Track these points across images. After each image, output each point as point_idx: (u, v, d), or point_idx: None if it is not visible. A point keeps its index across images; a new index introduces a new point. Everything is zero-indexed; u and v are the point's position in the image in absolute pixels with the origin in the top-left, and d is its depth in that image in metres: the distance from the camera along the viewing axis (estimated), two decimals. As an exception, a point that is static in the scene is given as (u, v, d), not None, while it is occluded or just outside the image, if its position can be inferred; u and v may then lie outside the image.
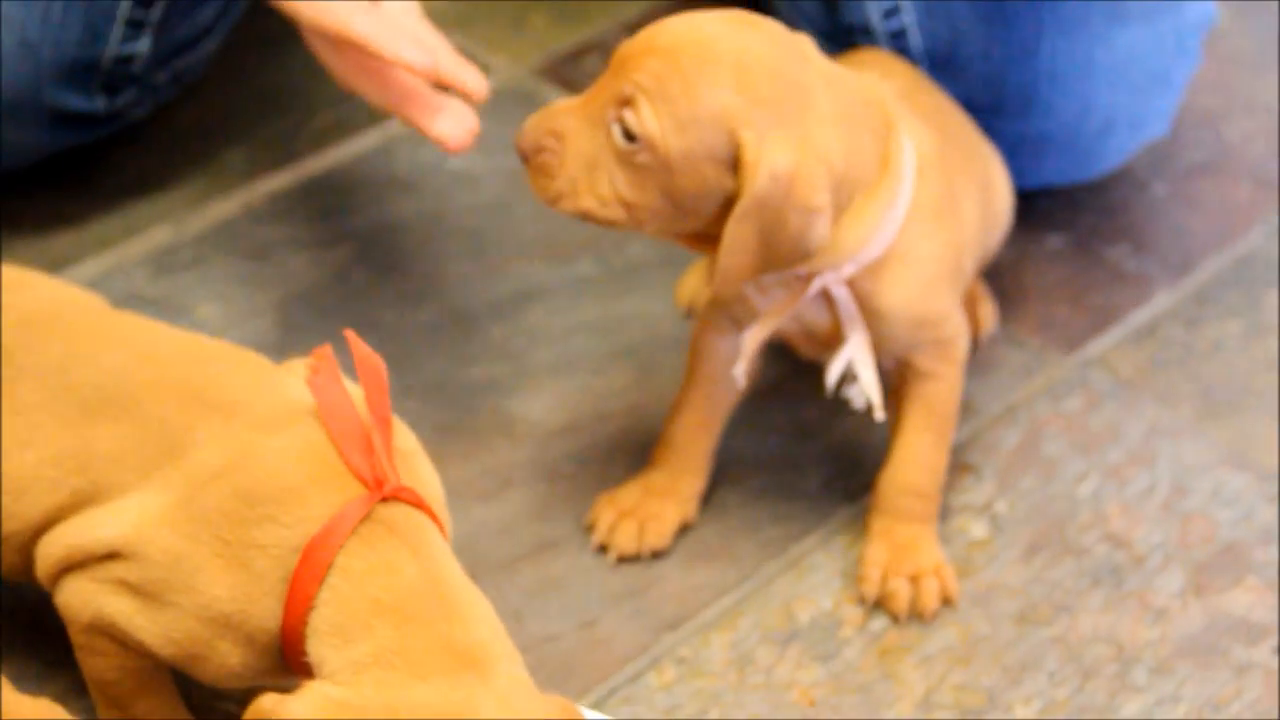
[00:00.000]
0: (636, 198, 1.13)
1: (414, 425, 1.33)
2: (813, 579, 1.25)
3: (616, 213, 1.13)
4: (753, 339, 1.20)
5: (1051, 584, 1.25)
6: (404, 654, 0.96)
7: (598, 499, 1.27)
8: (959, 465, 1.31)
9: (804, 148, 1.11)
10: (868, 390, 1.20)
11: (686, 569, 1.25)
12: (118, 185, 1.48)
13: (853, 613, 1.23)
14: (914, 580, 1.22)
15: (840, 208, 1.14)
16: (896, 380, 1.23)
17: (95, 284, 1.39)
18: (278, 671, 1.04)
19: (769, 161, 1.09)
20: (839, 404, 1.32)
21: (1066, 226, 1.49)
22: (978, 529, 1.28)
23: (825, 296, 1.18)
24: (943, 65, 1.35)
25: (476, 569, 1.23)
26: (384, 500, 1.01)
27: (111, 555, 1.03)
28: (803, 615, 1.23)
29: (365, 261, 1.44)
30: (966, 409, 1.36)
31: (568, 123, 1.13)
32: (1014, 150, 1.36)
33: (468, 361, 1.38)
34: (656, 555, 1.25)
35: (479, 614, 0.99)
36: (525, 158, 1.14)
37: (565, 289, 1.43)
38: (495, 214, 1.49)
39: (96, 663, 1.06)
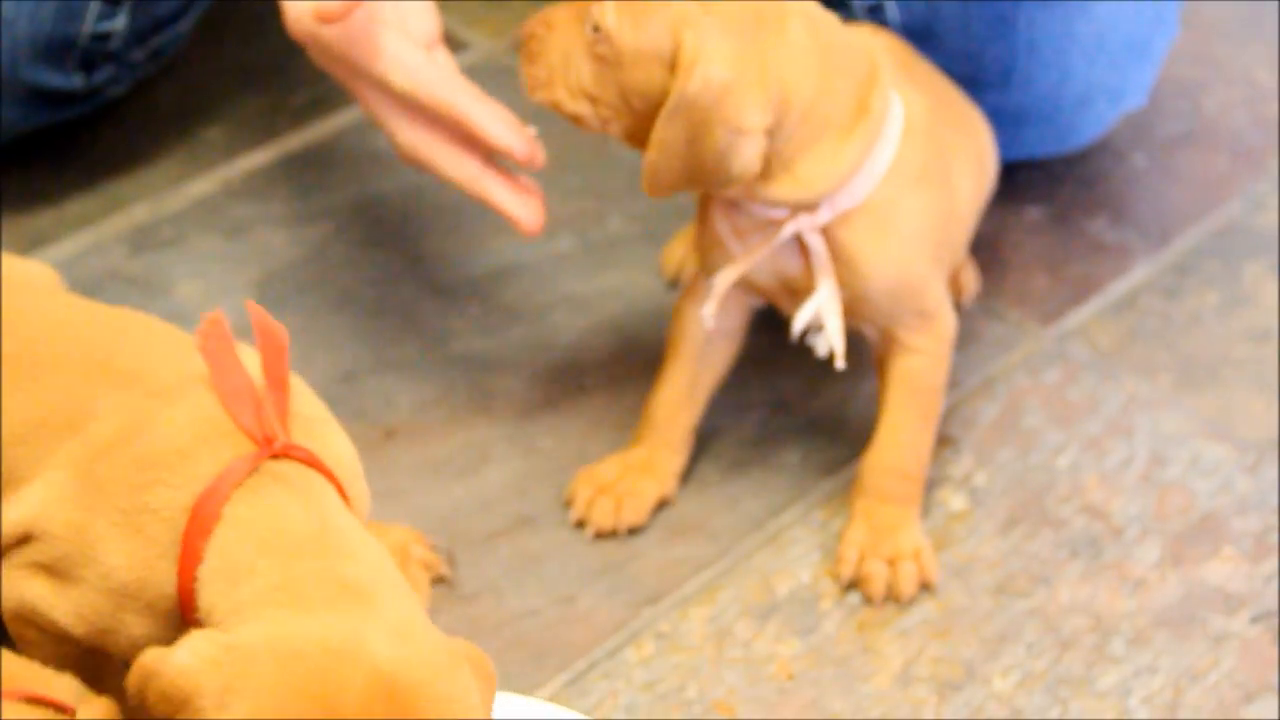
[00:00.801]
0: (598, 91, 1.15)
1: (392, 401, 1.33)
2: (792, 553, 1.25)
3: (582, 106, 1.16)
4: (724, 279, 1.19)
5: (1030, 556, 1.25)
6: (288, 589, 0.95)
7: (576, 474, 1.27)
8: (938, 438, 1.31)
9: (748, 64, 1.11)
10: (832, 338, 1.19)
11: (665, 544, 1.25)
12: (96, 163, 1.48)
13: (831, 586, 1.23)
14: (891, 563, 1.22)
15: (802, 143, 1.14)
16: (879, 353, 1.23)
17: (73, 262, 1.39)
18: None
19: (704, 66, 1.10)
20: (819, 377, 1.33)
21: (1045, 198, 1.49)
22: (956, 501, 1.29)
23: (801, 247, 1.18)
24: (920, 38, 1.35)
25: (455, 544, 1.24)
26: (275, 458, 1.00)
27: (25, 538, 1.03)
28: (781, 589, 1.23)
29: (344, 238, 1.44)
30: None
31: (559, 15, 1.16)
32: (993, 122, 1.36)
33: (447, 338, 1.38)
34: (633, 531, 1.25)
35: (369, 554, 0.98)
36: (517, 44, 1.18)
37: (544, 264, 1.43)
38: (475, 189, 1.48)
39: (34, 655, 1.05)
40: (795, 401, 1.34)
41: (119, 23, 1.39)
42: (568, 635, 1.20)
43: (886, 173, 1.17)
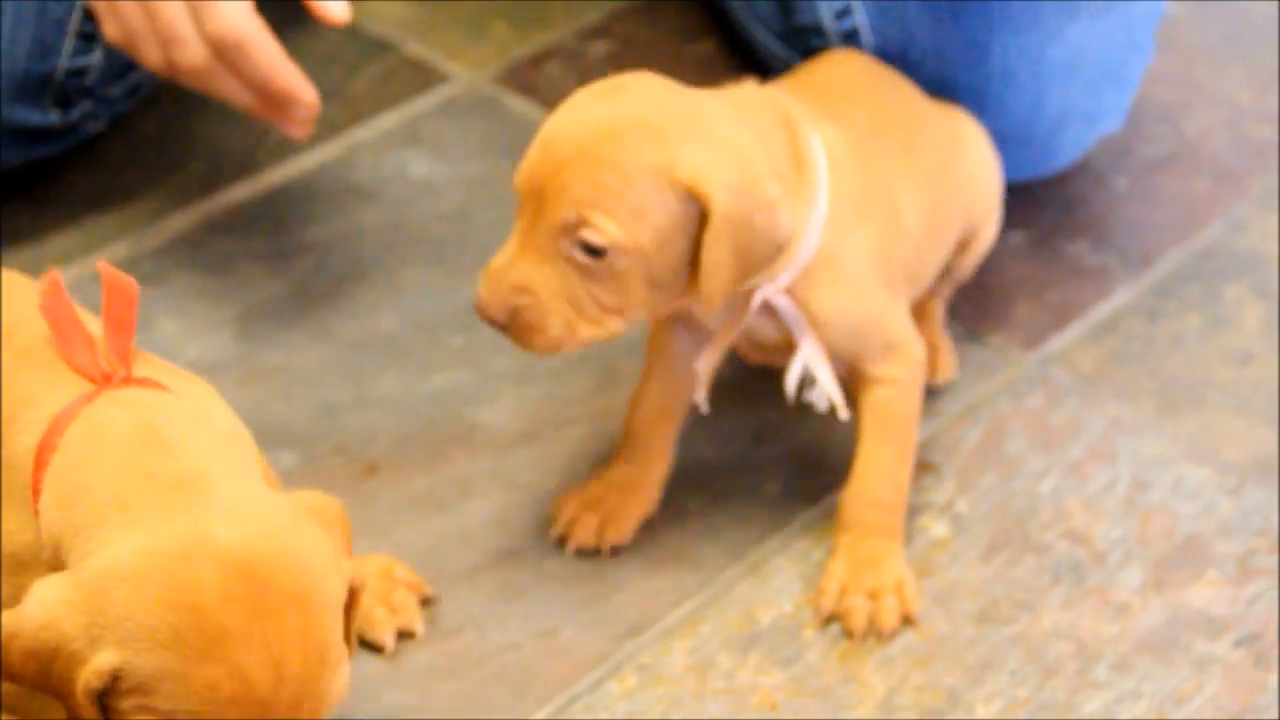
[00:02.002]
0: (624, 300, 1.12)
1: (373, 436, 1.33)
2: (774, 583, 1.25)
3: (614, 325, 1.13)
4: (707, 363, 1.20)
5: (1012, 582, 1.25)
6: (118, 505, 0.95)
7: (563, 494, 1.27)
8: (920, 464, 1.31)
9: (732, 152, 1.11)
10: (829, 391, 1.20)
11: (647, 574, 1.25)
12: (75, 200, 1.48)
13: (813, 616, 1.23)
14: (873, 597, 1.21)
15: (794, 197, 1.14)
16: (851, 388, 1.23)
17: (54, 300, 1.39)
18: None
19: (717, 179, 1.09)
20: (800, 407, 1.32)
21: (1026, 223, 1.49)
22: (938, 528, 1.28)
23: (768, 309, 1.18)
24: (895, 64, 1.35)
25: (437, 579, 1.24)
26: (115, 388, 1.01)
27: None
28: (764, 619, 1.23)
29: (325, 272, 1.44)
30: (927, 408, 1.36)
31: (524, 273, 1.11)
32: (970, 146, 1.36)
33: (428, 371, 1.38)
34: (616, 551, 1.25)
35: (200, 445, 0.98)
36: (504, 326, 1.12)
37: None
38: (456, 222, 1.49)
39: None
40: (777, 431, 1.34)
41: (94, 58, 1.39)
42: (550, 668, 1.19)
43: (826, 217, 1.17)
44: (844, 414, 1.21)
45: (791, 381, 1.20)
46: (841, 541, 1.23)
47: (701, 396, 1.22)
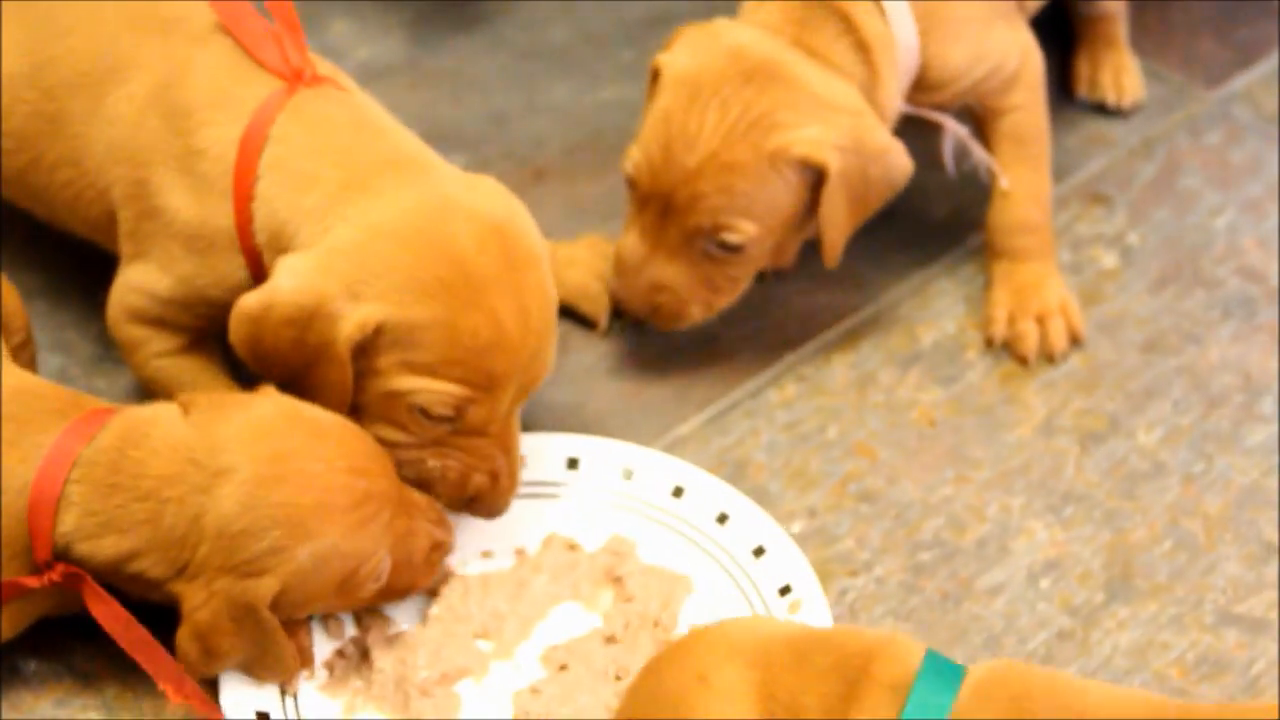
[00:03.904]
0: (748, 273, 1.17)
1: (542, 143, 1.33)
2: (937, 304, 1.24)
3: (738, 290, 1.17)
4: None
5: (1181, 314, 1.23)
6: (354, 184, 1.00)
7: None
8: (1092, 195, 1.29)
9: (838, 113, 1.12)
10: (985, 161, 1.21)
11: (808, 292, 1.25)
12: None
13: (976, 338, 1.22)
14: (1040, 320, 1.21)
15: (877, 84, 1.15)
16: (979, 122, 1.22)
17: None
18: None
19: (827, 145, 1.11)
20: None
21: (1217, -40, 1.44)
22: (1108, 259, 1.27)
23: None
24: None
25: (601, 283, 1.24)
26: (307, 88, 1.04)
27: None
28: (926, 338, 1.22)
29: (497, -18, 1.43)
30: (1102, 140, 1.33)
31: (659, 272, 1.15)
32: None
33: (598, 82, 1.37)
34: (779, 276, 1.25)
35: (404, 132, 1.05)
36: (645, 318, 1.17)
37: (696, 12, 1.40)
38: (630, -62, 1.47)
39: (142, 363, 1.09)
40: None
41: None
42: (710, 374, 1.20)
43: None
44: (1004, 182, 1.20)
45: (947, 156, 1.21)
46: (997, 270, 1.22)
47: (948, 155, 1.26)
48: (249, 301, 0.99)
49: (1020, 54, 1.20)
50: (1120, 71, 1.32)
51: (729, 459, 1.15)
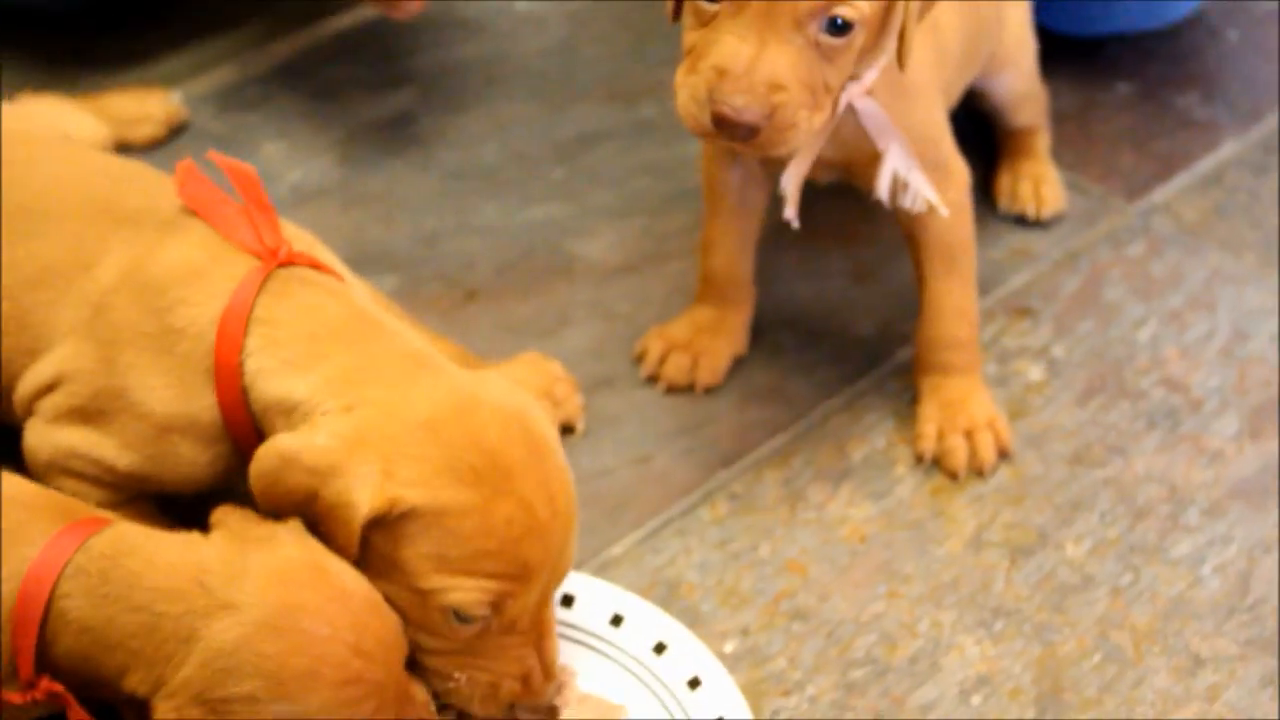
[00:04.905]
0: (841, 79, 1.09)
1: (473, 263, 1.34)
2: (867, 419, 1.25)
3: (826, 112, 1.09)
4: (794, 176, 1.17)
5: (1106, 426, 1.25)
6: (367, 368, 1.01)
7: (648, 333, 1.28)
8: (1017, 309, 1.31)
9: None
10: (922, 190, 1.17)
11: (741, 408, 1.26)
12: (187, 25, 1.49)
13: (905, 452, 1.23)
14: (969, 435, 1.22)
15: None
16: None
17: (161, 121, 1.40)
18: (235, 465, 1.06)
19: None
20: (896, 249, 1.32)
21: (1136, 74, 1.47)
22: (1034, 372, 1.28)
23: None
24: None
25: (533, 403, 1.25)
26: (283, 266, 1.05)
27: (53, 385, 1.07)
28: (856, 454, 1.23)
29: (428, 102, 1.45)
30: (1026, 254, 1.35)
31: (775, 67, 1.05)
32: (1086, -4, 1.34)
33: (529, 202, 1.38)
34: (709, 391, 1.26)
35: (407, 331, 1.06)
36: (757, 129, 1.05)
37: (627, 132, 1.43)
38: (560, 56, 1.49)
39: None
40: (873, 271, 1.34)
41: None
42: (644, 493, 1.20)
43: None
44: (944, 210, 1.17)
45: (883, 183, 1.17)
46: (925, 385, 1.24)
47: (791, 212, 1.19)
48: (284, 441, 0.98)
49: (951, 148, 1.20)
50: (1040, 182, 1.34)
51: (661, 579, 1.15)
